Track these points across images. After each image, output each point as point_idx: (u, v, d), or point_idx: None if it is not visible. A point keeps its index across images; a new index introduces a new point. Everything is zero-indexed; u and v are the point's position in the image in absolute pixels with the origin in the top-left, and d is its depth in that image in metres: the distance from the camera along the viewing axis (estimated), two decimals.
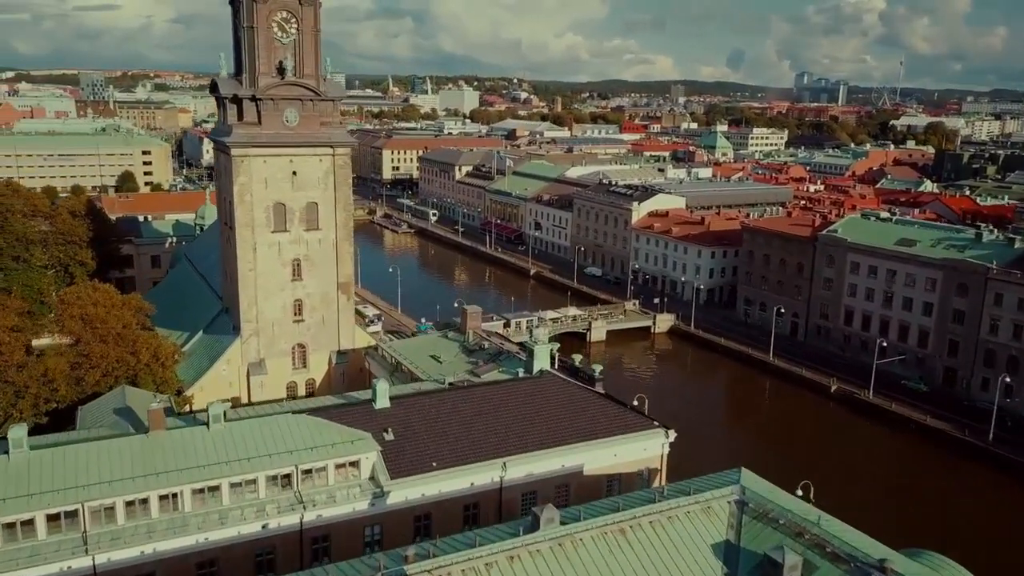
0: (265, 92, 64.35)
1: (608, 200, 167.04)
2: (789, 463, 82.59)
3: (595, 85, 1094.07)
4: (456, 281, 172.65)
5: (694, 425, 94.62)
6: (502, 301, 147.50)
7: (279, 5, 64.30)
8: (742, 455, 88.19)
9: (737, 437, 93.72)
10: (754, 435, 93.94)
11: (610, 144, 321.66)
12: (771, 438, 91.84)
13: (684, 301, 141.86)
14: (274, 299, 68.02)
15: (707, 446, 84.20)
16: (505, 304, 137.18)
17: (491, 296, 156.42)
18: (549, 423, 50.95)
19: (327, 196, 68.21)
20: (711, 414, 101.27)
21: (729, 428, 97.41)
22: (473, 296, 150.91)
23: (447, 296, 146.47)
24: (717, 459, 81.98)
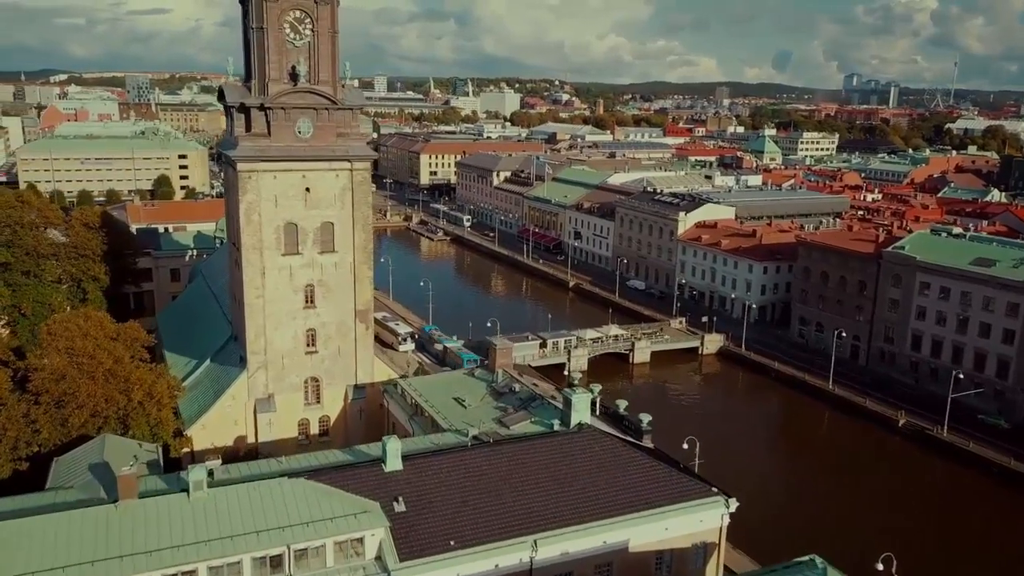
0: (275, 100, 57.89)
1: (653, 209, 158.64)
2: (860, 516, 73.98)
3: (638, 87, 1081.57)
4: (491, 292, 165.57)
5: (745, 461, 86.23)
6: (539, 316, 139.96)
7: (292, 4, 57.85)
8: (802, 500, 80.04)
9: (795, 478, 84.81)
10: (814, 476, 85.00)
11: (653, 148, 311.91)
12: (835, 482, 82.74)
13: (733, 319, 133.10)
14: (284, 328, 61.55)
15: (763, 491, 75.83)
16: (541, 320, 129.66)
17: (527, 310, 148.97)
18: (589, 489, 43.45)
19: (344, 215, 61.55)
20: (764, 450, 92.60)
21: (786, 467, 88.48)
22: (508, 310, 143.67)
23: (481, 310, 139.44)
24: (775, 512, 73.88)
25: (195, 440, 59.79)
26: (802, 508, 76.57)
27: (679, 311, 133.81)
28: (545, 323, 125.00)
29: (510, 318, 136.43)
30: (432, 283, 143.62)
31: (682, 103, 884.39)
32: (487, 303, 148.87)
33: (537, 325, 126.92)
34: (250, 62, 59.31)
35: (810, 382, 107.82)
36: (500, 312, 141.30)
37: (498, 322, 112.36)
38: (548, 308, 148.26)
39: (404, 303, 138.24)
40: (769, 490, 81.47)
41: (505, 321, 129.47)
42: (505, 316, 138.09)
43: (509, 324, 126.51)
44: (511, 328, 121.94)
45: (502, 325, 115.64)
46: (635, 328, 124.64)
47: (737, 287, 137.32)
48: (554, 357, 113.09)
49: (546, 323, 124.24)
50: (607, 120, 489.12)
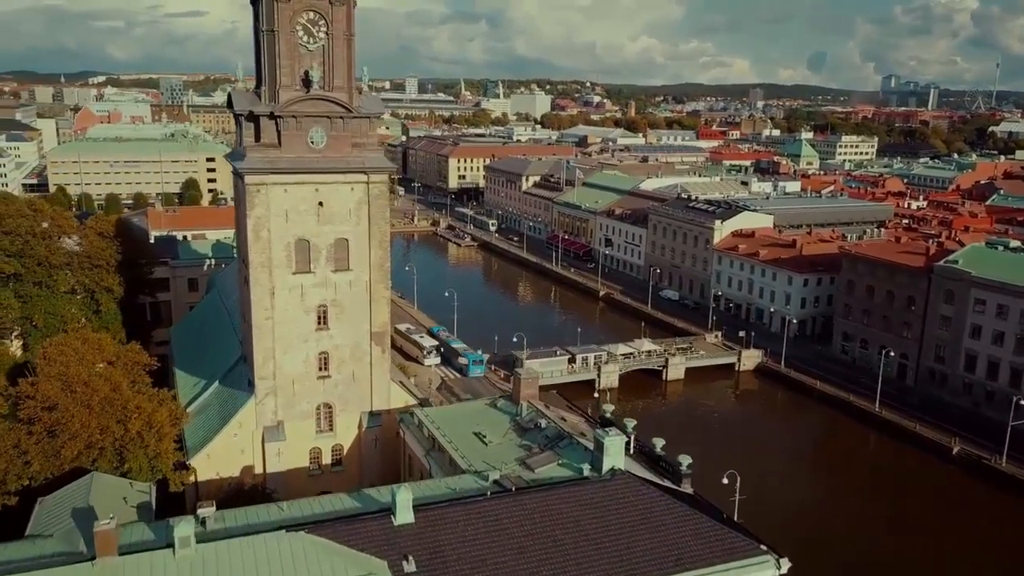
0: (286, 108, 53.85)
1: (687, 217, 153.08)
2: (914, 556, 68.43)
3: (670, 89, 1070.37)
4: (518, 301, 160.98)
5: (789, 494, 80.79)
6: (567, 327, 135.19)
7: (304, 5, 53.78)
8: (849, 534, 74.04)
9: (842, 512, 79.04)
10: (863, 508, 79.21)
11: (687, 152, 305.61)
12: (885, 518, 76.88)
13: (771, 333, 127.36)
14: (295, 352, 57.52)
15: (807, 528, 70.54)
16: (570, 332, 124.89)
17: (555, 320, 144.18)
18: (622, 547, 38.71)
19: (359, 231, 57.38)
20: (808, 481, 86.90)
21: (831, 498, 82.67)
22: (535, 321, 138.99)
23: (507, 321, 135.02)
24: (824, 557, 68.14)
25: (199, 470, 56.02)
26: (855, 544, 71.09)
27: (715, 325, 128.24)
28: (574, 335, 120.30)
29: (537, 329, 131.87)
30: (458, 291, 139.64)
31: (715, 105, 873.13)
32: (514, 313, 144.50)
33: (565, 337, 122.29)
34: (260, 67, 55.41)
35: (855, 403, 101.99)
36: (527, 322, 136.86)
37: (525, 337, 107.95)
38: (577, 319, 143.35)
39: (429, 313, 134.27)
40: (807, 511, 76.25)
41: (532, 333, 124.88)
42: (532, 327, 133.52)
43: (536, 336, 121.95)
44: (538, 341, 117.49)
45: (529, 337, 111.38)
46: (668, 343, 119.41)
47: (776, 300, 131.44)
48: (583, 373, 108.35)
49: (575, 335, 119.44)
50: (639, 122, 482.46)
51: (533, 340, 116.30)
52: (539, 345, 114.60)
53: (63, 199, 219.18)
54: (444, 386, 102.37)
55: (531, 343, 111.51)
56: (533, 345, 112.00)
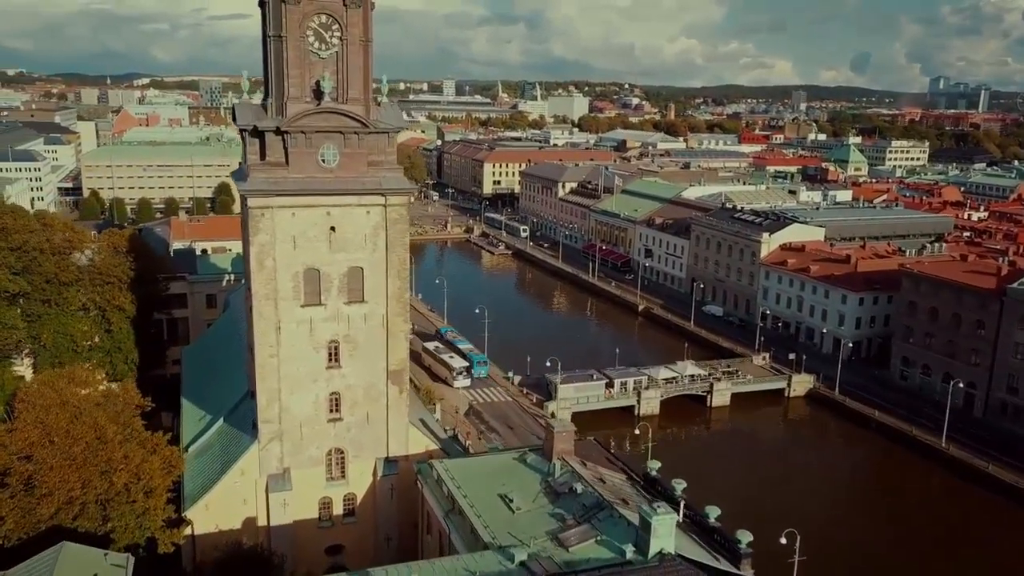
0: (294, 123, 48.11)
1: (732, 228, 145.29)
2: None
3: (709, 90, 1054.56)
4: (553, 314, 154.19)
5: (849, 542, 73.29)
6: (604, 343, 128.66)
7: (316, 7, 48.03)
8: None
9: (915, 572, 71.22)
10: (940, 568, 71.39)
11: (729, 157, 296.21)
12: None
13: (823, 354, 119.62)
14: (303, 392, 51.78)
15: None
16: (607, 349, 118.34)
17: (591, 336, 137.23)
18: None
19: (376, 259, 51.45)
20: (870, 526, 78.95)
21: (898, 552, 74.72)
22: (570, 336, 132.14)
23: (541, 336, 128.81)
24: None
25: (196, 522, 50.53)
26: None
27: (762, 346, 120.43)
28: (611, 354, 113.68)
29: (572, 346, 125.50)
30: (490, 304, 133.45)
31: (756, 107, 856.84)
32: (548, 328, 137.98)
33: (602, 356, 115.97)
34: (267, 77, 49.81)
35: (918, 437, 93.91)
36: (562, 339, 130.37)
37: (559, 361, 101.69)
38: (615, 335, 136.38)
39: (459, 328, 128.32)
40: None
41: (567, 351, 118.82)
42: (567, 344, 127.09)
43: (571, 354, 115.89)
44: (573, 359, 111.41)
45: (563, 356, 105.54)
46: (713, 365, 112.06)
47: (828, 319, 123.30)
48: (622, 399, 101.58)
49: (612, 354, 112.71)
50: (679, 126, 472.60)
51: (568, 358, 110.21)
52: (574, 364, 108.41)
53: (96, 204, 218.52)
54: (472, 411, 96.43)
55: (565, 361, 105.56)
56: (568, 365, 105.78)
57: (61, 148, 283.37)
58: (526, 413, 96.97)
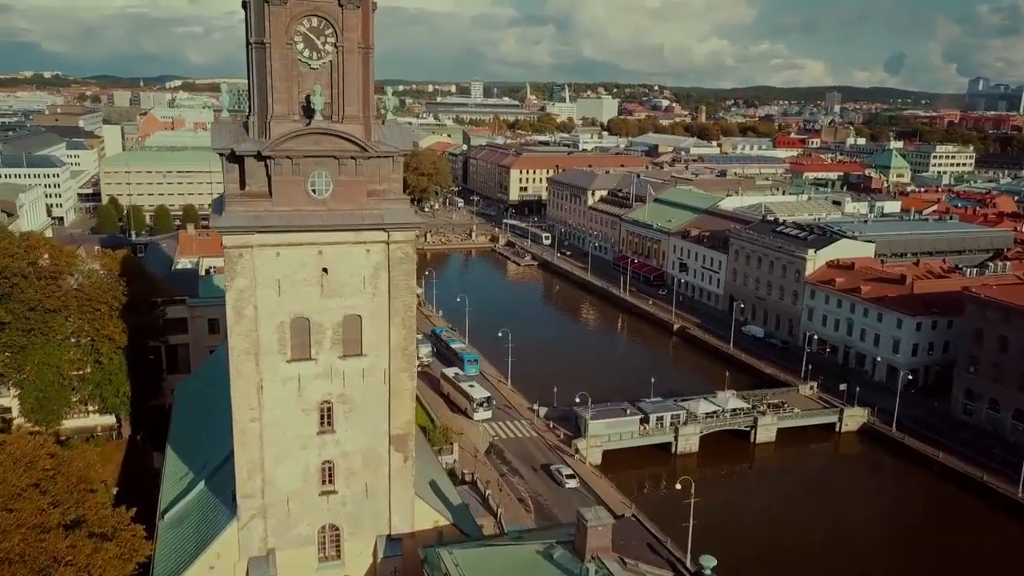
0: (278, 146, 40.36)
1: (775, 243, 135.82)
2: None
3: (740, 92, 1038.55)
4: (581, 334, 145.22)
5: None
6: (636, 368, 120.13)
7: (306, 9, 40.27)
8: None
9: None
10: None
11: (764, 163, 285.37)
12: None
13: (875, 382, 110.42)
14: (291, 461, 44.02)
15: None
16: (640, 378, 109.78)
17: (622, 361, 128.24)
18: None
19: (376, 305, 43.53)
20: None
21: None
22: (600, 359, 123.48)
23: (568, 360, 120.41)
24: None
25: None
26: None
27: (808, 372, 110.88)
28: (643, 381, 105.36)
29: (602, 371, 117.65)
30: (514, 322, 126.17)
31: (789, 109, 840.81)
32: (576, 349, 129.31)
33: (635, 383, 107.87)
34: (251, 91, 42.11)
35: (990, 484, 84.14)
36: (591, 362, 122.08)
37: (589, 390, 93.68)
38: (648, 358, 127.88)
39: (480, 350, 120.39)
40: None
41: (597, 376, 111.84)
42: (597, 368, 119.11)
43: (602, 380, 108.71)
44: (604, 387, 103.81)
45: (593, 382, 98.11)
46: (757, 396, 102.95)
47: (881, 344, 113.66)
48: (658, 435, 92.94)
49: (645, 381, 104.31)
50: (710, 129, 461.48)
51: (598, 385, 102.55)
52: (604, 392, 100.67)
53: (113, 211, 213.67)
54: (493, 449, 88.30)
55: (595, 388, 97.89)
56: (598, 392, 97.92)
57: (84, 153, 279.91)
58: (552, 451, 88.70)
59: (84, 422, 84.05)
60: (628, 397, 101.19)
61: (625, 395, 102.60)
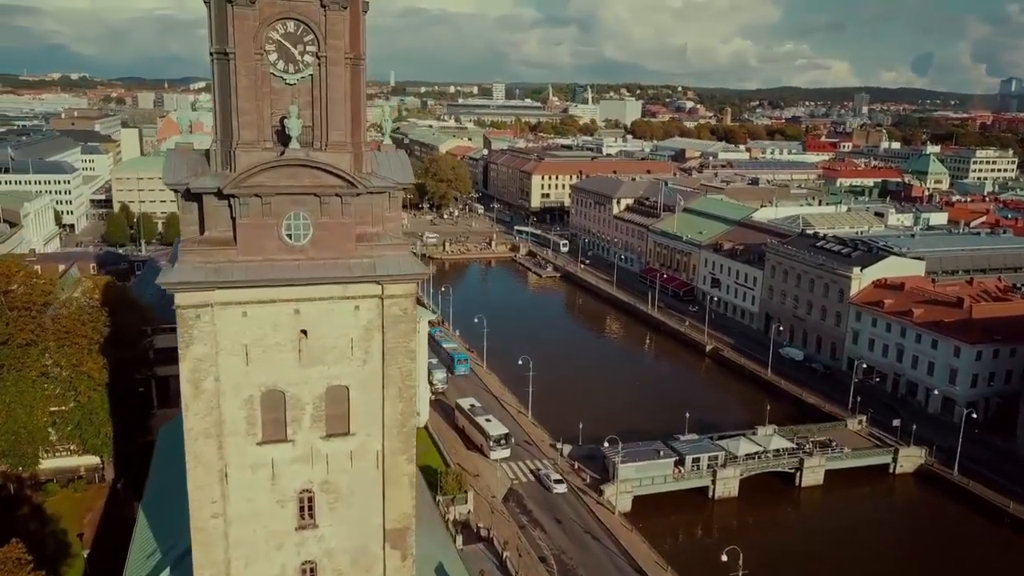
0: (244, 182, 32.34)
1: (815, 260, 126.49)
2: None
3: (764, 93, 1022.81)
4: (607, 356, 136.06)
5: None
6: (666, 395, 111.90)
7: (279, 10, 32.31)
8: None
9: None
10: None
11: (796, 169, 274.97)
12: None
13: (929, 415, 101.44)
14: (263, 563, 36.01)
15: None
16: (672, 406, 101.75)
17: (650, 385, 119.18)
18: None
19: (368, 373, 35.46)
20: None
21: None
22: (628, 389, 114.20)
23: (594, 389, 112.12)
24: None
25: None
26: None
27: (856, 404, 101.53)
28: (675, 410, 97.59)
29: (631, 399, 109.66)
30: (536, 344, 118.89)
31: (815, 110, 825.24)
32: (602, 375, 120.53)
33: (666, 412, 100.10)
34: (215, 112, 34.21)
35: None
36: (619, 388, 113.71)
37: (615, 420, 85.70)
38: (679, 384, 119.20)
39: (500, 377, 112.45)
40: None
41: (625, 405, 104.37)
42: (624, 395, 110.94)
43: (630, 409, 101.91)
44: (632, 418, 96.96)
45: (621, 411, 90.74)
46: (801, 432, 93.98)
47: (935, 374, 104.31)
48: (694, 479, 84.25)
49: (677, 412, 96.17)
50: (737, 132, 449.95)
51: (626, 414, 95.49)
52: (632, 423, 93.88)
53: (124, 219, 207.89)
54: (512, 496, 79.94)
55: (623, 418, 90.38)
56: (625, 424, 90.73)
57: (99, 158, 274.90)
58: (578, 498, 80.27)
59: (67, 462, 77.06)
60: (659, 430, 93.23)
61: (656, 427, 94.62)
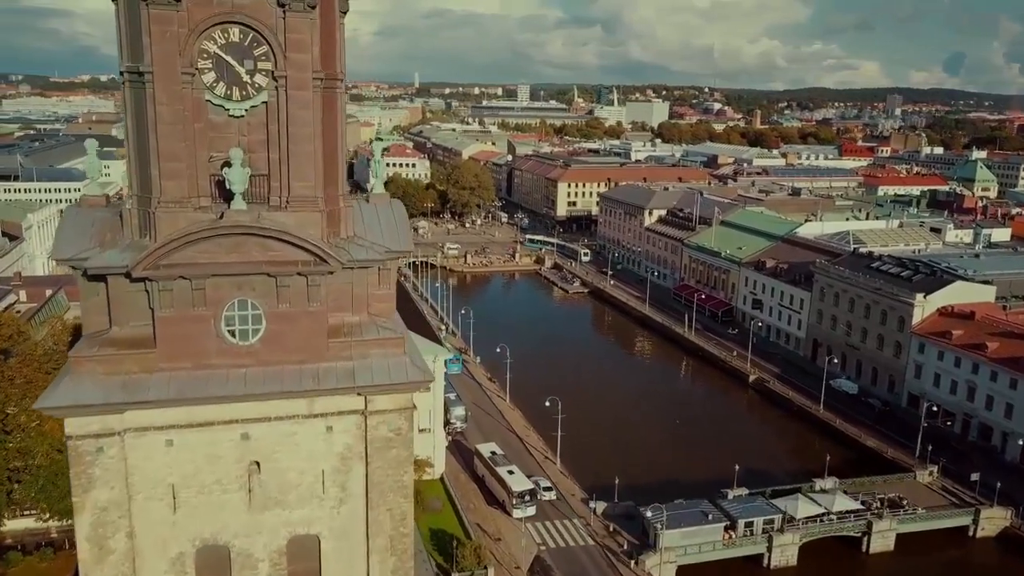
0: (163, 259, 22.46)
1: (871, 283, 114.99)
2: None
3: (793, 94, 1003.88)
4: (641, 384, 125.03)
5: None
6: (708, 435, 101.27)
7: (217, 11, 22.43)
8: None
9: None
10: None
11: (834, 176, 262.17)
12: None
13: (1007, 463, 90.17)
14: None
15: None
16: (715, 451, 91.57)
17: (690, 422, 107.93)
18: None
19: (345, 518, 25.37)
20: None
21: None
22: (666, 431, 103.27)
23: (628, 426, 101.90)
24: None
25: None
26: None
27: (924, 449, 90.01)
28: (721, 458, 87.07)
29: (669, 439, 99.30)
30: (564, 375, 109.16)
31: (847, 112, 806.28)
32: (636, 409, 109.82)
33: (709, 457, 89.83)
34: (128, 155, 24.39)
35: None
36: (656, 428, 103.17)
37: (655, 480, 76.02)
38: (721, 422, 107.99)
39: (523, 411, 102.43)
40: None
41: (663, 444, 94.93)
42: (662, 436, 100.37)
43: (669, 454, 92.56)
44: (672, 465, 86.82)
45: (659, 456, 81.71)
46: (866, 487, 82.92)
47: (1014, 417, 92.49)
48: (747, 545, 73.50)
49: (723, 459, 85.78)
50: (768, 135, 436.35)
51: (664, 460, 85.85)
52: (673, 471, 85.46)
53: None
54: (539, 567, 69.61)
55: (662, 464, 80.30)
56: (664, 472, 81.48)
57: (115, 164, 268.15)
58: (612, 567, 69.90)
59: (33, 524, 68.12)
60: (702, 478, 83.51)
61: (698, 475, 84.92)
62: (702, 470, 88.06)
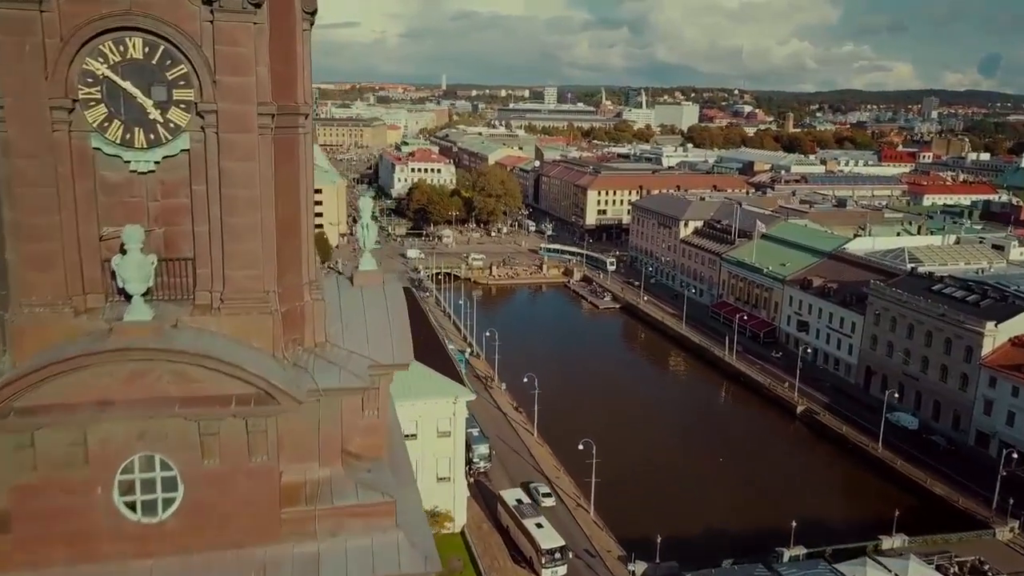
0: (18, 399, 14.57)
1: (932, 308, 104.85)
2: None
3: (824, 96, 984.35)
4: (677, 411, 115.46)
5: None
6: (754, 477, 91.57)
7: (107, 13, 14.35)
8: None
9: None
10: None
11: (876, 184, 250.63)
12: None
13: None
14: None
15: None
16: (762, 496, 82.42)
17: (733, 457, 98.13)
18: None
19: None
20: None
21: None
22: (709, 467, 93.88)
23: (667, 466, 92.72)
24: None
25: None
26: None
27: (1009, 508, 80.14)
28: (768, 504, 78.09)
29: (712, 482, 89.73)
30: (592, 402, 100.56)
31: (881, 114, 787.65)
32: (672, 447, 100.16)
33: (755, 501, 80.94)
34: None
35: None
36: (697, 465, 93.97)
37: (702, 534, 67.21)
38: (769, 461, 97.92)
39: (552, 447, 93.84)
40: None
41: (706, 489, 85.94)
42: (705, 476, 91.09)
43: (715, 500, 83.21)
44: (714, 512, 77.89)
45: (705, 503, 73.25)
46: (940, 547, 73.16)
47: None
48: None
49: (769, 506, 76.93)
50: (802, 139, 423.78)
51: (711, 509, 76.93)
52: (717, 522, 75.02)
53: None
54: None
55: (704, 511, 72.20)
56: (708, 522, 72.00)
57: None
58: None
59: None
60: (751, 530, 74.64)
61: (746, 525, 75.93)
62: (751, 518, 78.88)
